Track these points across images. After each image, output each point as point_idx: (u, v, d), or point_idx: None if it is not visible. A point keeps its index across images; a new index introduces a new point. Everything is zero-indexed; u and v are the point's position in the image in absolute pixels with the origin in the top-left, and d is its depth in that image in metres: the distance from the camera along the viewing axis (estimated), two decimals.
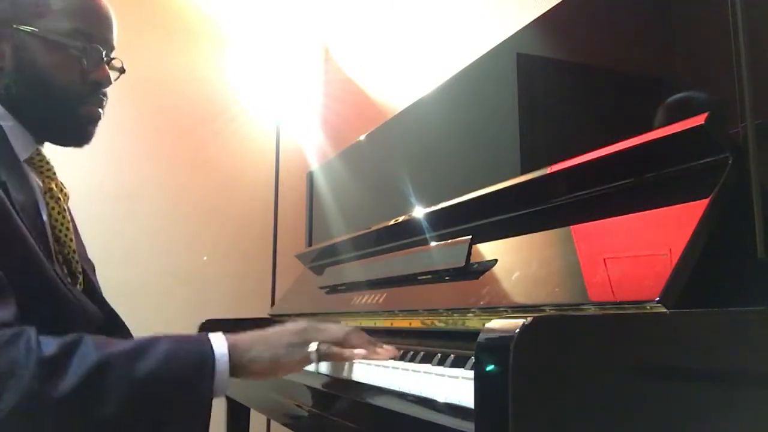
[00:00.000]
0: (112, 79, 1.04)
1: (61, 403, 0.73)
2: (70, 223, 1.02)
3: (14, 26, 0.96)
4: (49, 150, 1.05)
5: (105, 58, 1.02)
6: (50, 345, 0.76)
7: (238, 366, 0.85)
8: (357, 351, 0.93)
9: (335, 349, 0.91)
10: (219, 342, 0.85)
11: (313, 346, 0.90)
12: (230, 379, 0.84)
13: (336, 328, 0.95)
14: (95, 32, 1.01)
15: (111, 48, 1.05)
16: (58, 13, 0.98)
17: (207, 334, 0.86)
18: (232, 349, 0.85)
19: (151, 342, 0.82)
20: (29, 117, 0.98)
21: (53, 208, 0.99)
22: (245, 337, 0.89)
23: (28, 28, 0.96)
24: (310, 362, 0.90)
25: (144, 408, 0.78)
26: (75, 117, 1.01)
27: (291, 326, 0.93)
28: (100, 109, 1.03)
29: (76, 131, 1.03)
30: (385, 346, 0.96)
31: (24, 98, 0.97)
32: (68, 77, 0.98)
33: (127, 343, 0.81)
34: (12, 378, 0.72)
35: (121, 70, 1.07)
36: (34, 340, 0.76)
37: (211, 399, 0.82)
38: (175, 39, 2.68)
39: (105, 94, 1.04)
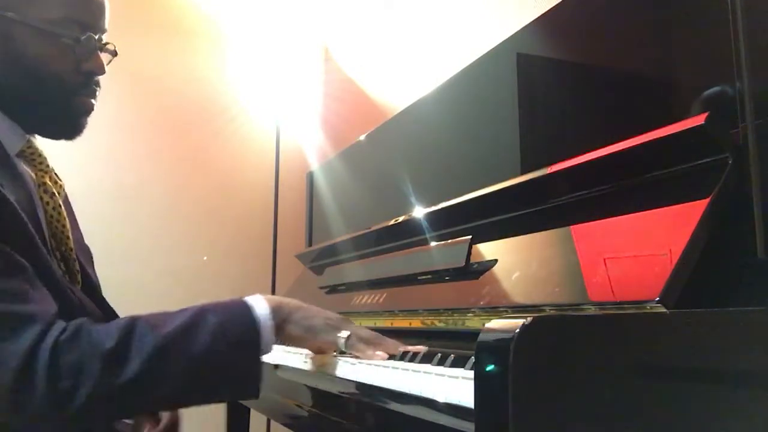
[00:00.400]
0: (106, 65, 0.98)
1: (125, 388, 0.76)
2: (66, 220, 0.98)
3: None
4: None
5: (98, 46, 0.96)
6: (109, 334, 0.78)
7: (278, 327, 0.88)
8: (379, 353, 0.94)
9: (362, 345, 0.93)
10: (261, 307, 0.88)
11: (344, 333, 0.93)
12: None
13: (370, 332, 0.98)
14: (88, 19, 0.95)
15: (103, 32, 0.98)
16: (47, 0, 0.91)
17: (248, 304, 0.88)
18: (274, 312, 0.88)
19: (199, 316, 0.84)
20: (18, 109, 0.93)
21: (48, 203, 0.95)
22: (289, 302, 0.93)
23: (13, 15, 0.90)
24: (337, 347, 0.93)
25: (200, 380, 0.82)
26: (68, 109, 0.96)
27: (331, 312, 0.97)
28: (93, 100, 0.98)
29: (69, 124, 0.98)
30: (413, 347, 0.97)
31: (12, 89, 0.92)
32: (60, 67, 0.93)
33: (176, 319, 0.83)
34: (81, 374, 0.75)
35: (114, 53, 1.01)
36: (93, 332, 0.78)
37: (261, 361, 0.85)
38: (175, 39, 2.68)
39: (98, 84, 0.99)
